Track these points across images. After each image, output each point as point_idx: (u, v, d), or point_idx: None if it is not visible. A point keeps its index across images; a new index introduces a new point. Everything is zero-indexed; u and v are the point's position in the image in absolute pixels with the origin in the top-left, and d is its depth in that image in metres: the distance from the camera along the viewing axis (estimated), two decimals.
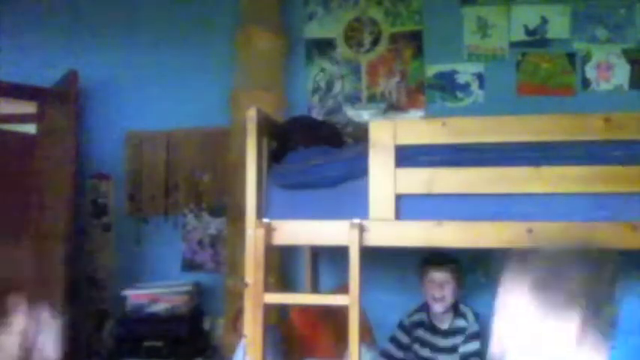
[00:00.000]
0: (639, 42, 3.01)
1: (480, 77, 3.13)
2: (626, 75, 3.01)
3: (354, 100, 3.26)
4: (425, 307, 2.75)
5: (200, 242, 3.34)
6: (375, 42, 3.27)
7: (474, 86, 3.14)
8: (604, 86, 3.03)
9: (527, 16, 3.11)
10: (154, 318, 3.01)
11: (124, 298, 3.08)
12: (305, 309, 2.60)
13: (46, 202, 3.15)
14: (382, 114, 3.19)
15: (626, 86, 3.01)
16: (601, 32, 3.05)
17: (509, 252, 1.33)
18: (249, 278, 2.23)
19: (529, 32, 3.11)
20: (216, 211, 3.32)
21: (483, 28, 3.15)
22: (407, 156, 2.15)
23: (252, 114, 2.29)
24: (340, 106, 3.27)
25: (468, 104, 3.13)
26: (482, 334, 2.63)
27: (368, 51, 3.27)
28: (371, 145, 2.16)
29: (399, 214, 2.14)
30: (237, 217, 2.98)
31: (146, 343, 2.96)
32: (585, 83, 3.05)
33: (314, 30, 3.33)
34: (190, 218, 3.35)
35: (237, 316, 2.89)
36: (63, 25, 3.56)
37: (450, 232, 2.10)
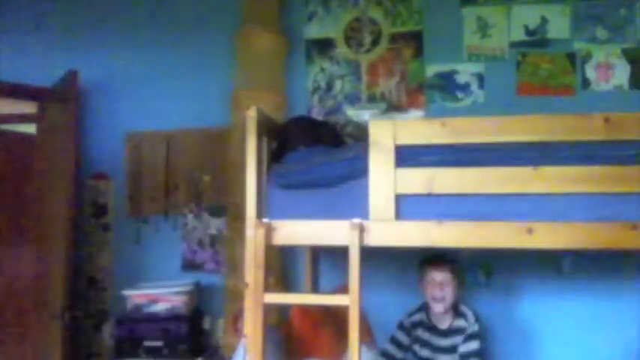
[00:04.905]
0: (639, 42, 3.01)
1: (479, 77, 3.13)
2: (626, 75, 3.01)
3: (354, 100, 3.26)
4: (425, 307, 2.75)
5: (200, 242, 3.33)
6: (375, 42, 3.27)
7: (474, 86, 3.14)
8: (604, 86, 3.03)
9: (527, 16, 3.11)
10: (154, 318, 3.01)
11: (124, 298, 3.08)
12: (305, 309, 2.60)
13: (46, 202, 3.15)
14: (382, 114, 3.19)
15: (626, 86, 3.01)
16: (601, 32, 3.05)
17: None
18: (249, 278, 2.22)
19: (529, 32, 3.11)
20: (216, 211, 3.32)
21: (483, 28, 3.15)
22: (407, 156, 2.14)
23: (252, 114, 2.29)
24: (340, 106, 3.27)
25: (468, 104, 3.13)
26: (481, 334, 2.64)
27: (368, 51, 3.27)
28: (371, 144, 2.16)
29: (399, 214, 2.14)
30: (237, 217, 2.99)
31: (146, 343, 2.96)
32: (585, 83, 3.05)
33: (314, 30, 3.33)
34: (190, 218, 3.35)
35: (237, 316, 2.89)
36: (63, 25, 3.56)
37: (450, 232, 2.10)
